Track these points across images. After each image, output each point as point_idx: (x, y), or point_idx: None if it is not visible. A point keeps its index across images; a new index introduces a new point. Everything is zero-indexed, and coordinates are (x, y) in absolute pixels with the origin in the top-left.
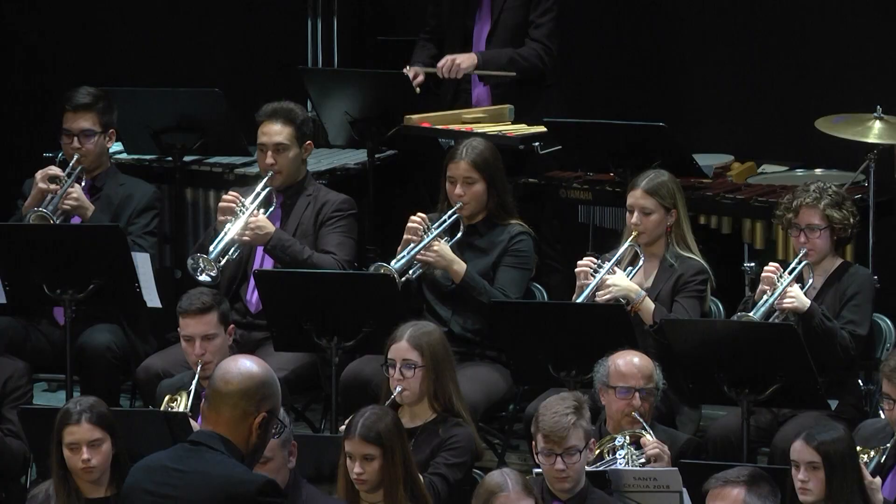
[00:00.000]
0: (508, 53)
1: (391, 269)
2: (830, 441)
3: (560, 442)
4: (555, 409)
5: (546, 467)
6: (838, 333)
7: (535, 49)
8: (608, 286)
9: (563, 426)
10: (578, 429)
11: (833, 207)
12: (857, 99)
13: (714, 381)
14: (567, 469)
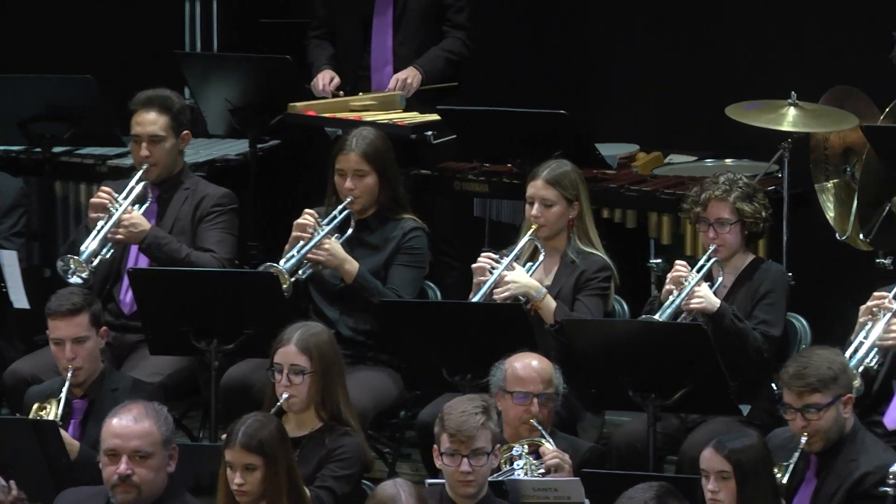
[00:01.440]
0: (441, 56)
1: (282, 270)
2: (742, 449)
3: (467, 442)
4: (462, 409)
5: (450, 470)
6: (750, 334)
7: (459, 38)
8: (507, 283)
9: (472, 426)
10: (487, 430)
11: (744, 200)
12: (770, 85)
13: (618, 386)
14: (473, 472)
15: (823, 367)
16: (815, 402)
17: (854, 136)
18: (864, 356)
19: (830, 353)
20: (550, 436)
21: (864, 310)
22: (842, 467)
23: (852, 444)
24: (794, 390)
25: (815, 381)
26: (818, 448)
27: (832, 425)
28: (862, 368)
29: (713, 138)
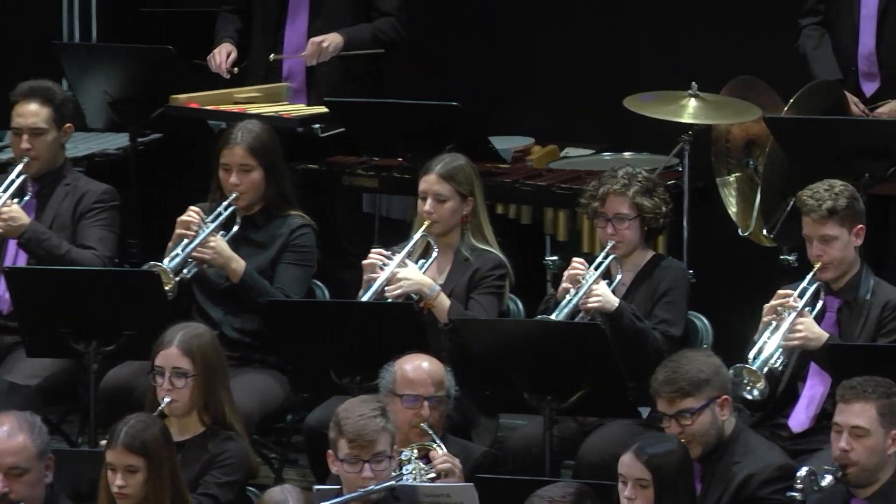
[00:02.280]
0: (369, 30)
1: (166, 269)
2: (663, 455)
3: (368, 447)
4: (360, 412)
5: (351, 476)
6: (650, 334)
7: (391, 23)
8: (399, 280)
9: (372, 429)
10: (386, 433)
11: (643, 195)
12: (670, 75)
13: (513, 387)
14: (375, 478)
15: (694, 370)
16: (688, 406)
17: (757, 129)
18: (768, 357)
19: (701, 355)
20: (441, 440)
21: (767, 309)
22: (725, 471)
23: (734, 447)
24: (665, 397)
25: (686, 386)
26: (697, 454)
27: (709, 429)
28: (767, 370)
29: (611, 131)
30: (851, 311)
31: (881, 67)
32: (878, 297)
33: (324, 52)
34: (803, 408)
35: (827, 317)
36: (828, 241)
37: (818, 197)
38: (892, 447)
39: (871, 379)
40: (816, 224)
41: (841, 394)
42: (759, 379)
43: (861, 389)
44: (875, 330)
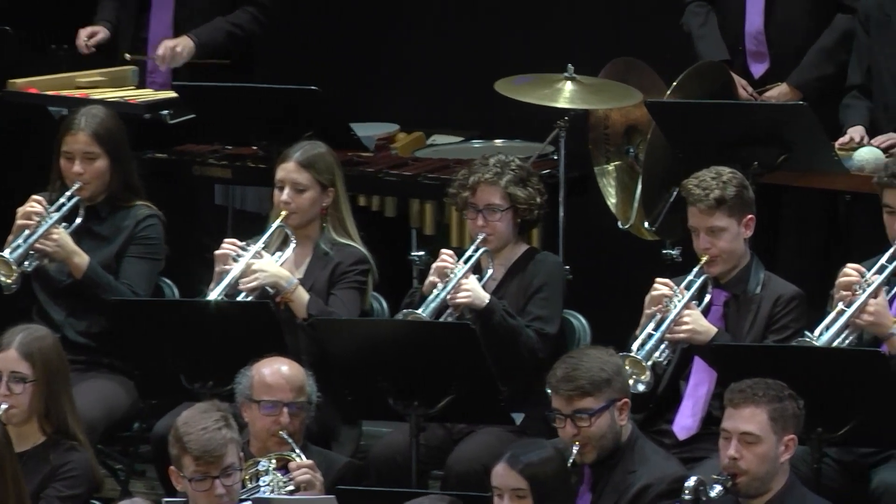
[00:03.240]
0: (223, 28)
1: (9, 259)
2: (538, 462)
3: (216, 462)
4: (202, 425)
5: (201, 494)
6: (523, 332)
7: (249, 13)
8: (254, 272)
9: (219, 443)
10: (233, 444)
11: (516, 184)
12: (544, 57)
13: (377, 393)
14: (228, 493)
15: (595, 368)
16: (587, 407)
17: (638, 114)
18: (652, 350)
19: (603, 353)
20: (302, 449)
21: (650, 299)
22: (619, 480)
23: (630, 454)
24: (563, 394)
25: (586, 385)
26: (591, 459)
27: (606, 433)
28: (651, 363)
29: (481, 116)
30: (740, 306)
31: (770, 47)
32: (768, 291)
33: (176, 57)
34: (688, 411)
35: (713, 310)
36: (715, 233)
37: (705, 186)
38: (785, 454)
39: (761, 381)
40: (703, 215)
41: (729, 397)
42: (645, 370)
43: (751, 393)
44: (765, 326)
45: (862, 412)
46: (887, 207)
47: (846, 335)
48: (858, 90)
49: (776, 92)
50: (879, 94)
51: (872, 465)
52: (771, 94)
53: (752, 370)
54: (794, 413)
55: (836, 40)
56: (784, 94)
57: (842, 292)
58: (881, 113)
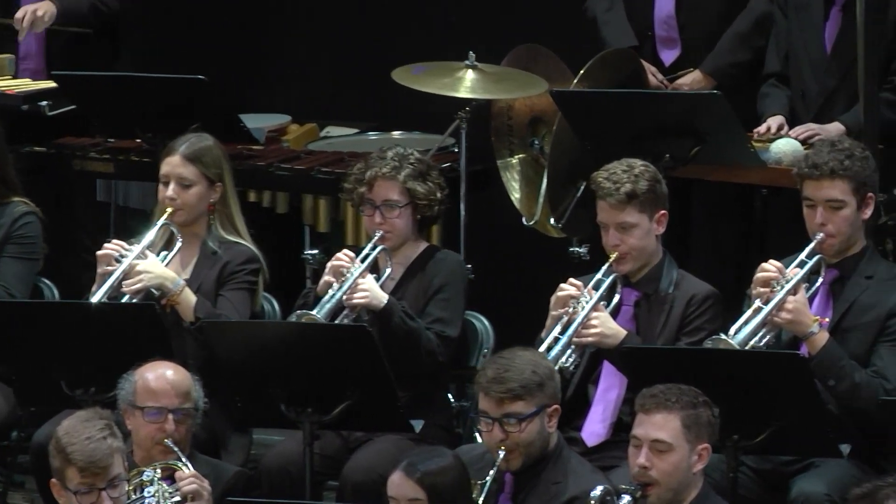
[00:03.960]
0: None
1: None
2: (437, 471)
3: (102, 473)
4: (86, 435)
5: None
6: (423, 335)
7: None
8: (138, 273)
9: (104, 453)
10: (118, 453)
11: (415, 179)
12: (444, 45)
13: (269, 399)
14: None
15: (528, 371)
16: (517, 411)
17: (543, 104)
18: (559, 354)
19: (536, 355)
20: (188, 458)
21: (556, 301)
22: (543, 490)
23: (555, 464)
24: (494, 396)
25: (518, 388)
26: (517, 466)
27: (535, 439)
28: (557, 368)
29: (377, 107)
30: (651, 306)
31: (681, 32)
32: (681, 290)
33: (37, 21)
34: (598, 416)
35: (623, 311)
36: (626, 229)
37: (616, 179)
38: (698, 464)
39: (674, 387)
40: (613, 209)
41: (640, 403)
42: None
43: (663, 399)
44: (678, 327)
45: (780, 418)
46: (807, 200)
47: (763, 334)
48: (777, 78)
49: (689, 79)
50: (797, 82)
51: (792, 473)
52: (683, 82)
53: (664, 374)
54: (709, 420)
55: (752, 24)
56: (697, 80)
57: (759, 289)
58: (799, 101)
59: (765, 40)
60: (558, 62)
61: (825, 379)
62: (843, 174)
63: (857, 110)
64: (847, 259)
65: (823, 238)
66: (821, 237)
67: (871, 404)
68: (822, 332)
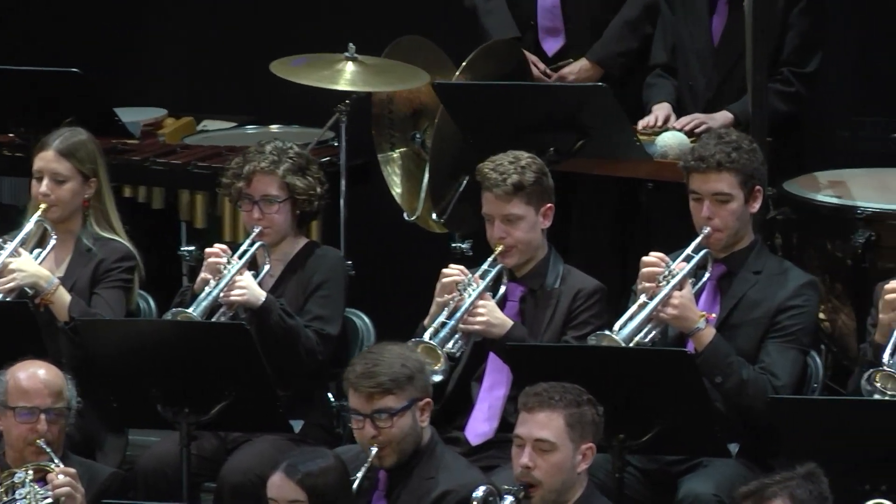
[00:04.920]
0: None
1: None
2: (318, 472)
3: None
4: None
5: None
6: (302, 333)
7: None
8: (11, 272)
9: None
10: None
11: (294, 174)
12: (324, 36)
13: (145, 398)
14: None
15: (397, 364)
16: (388, 406)
17: (425, 97)
18: (445, 339)
19: (405, 349)
20: (62, 459)
21: (442, 286)
22: (417, 485)
23: (429, 460)
24: (363, 392)
25: (388, 382)
26: (390, 463)
27: (407, 435)
28: (445, 351)
29: (256, 100)
30: (537, 301)
31: (566, 22)
32: (567, 285)
33: None
34: (482, 415)
35: (508, 306)
36: (512, 222)
37: (502, 170)
38: (582, 464)
39: (557, 385)
40: (499, 201)
41: (524, 401)
42: (439, 359)
43: (547, 397)
44: (564, 322)
45: (667, 417)
46: (693, 194)
47: (649, 330)
48: (662, 69)
49: (576, 67)
50: (685, 76)
51: (679, 473)
52: (570, 70)
53: (549, 372)
54: (593, 419)
55: (641, 12)
56: (585, 69)
57: (644, 283)
58: (687, 95)
59: (653, 28)
60: (440, 53)
61: (712, 376)
62: (730, 167)
63: (745, 100)
64: (735, 254)
65: (710, 232)
66: (707, 231)
67: (759, 402)
68: (708, 328)
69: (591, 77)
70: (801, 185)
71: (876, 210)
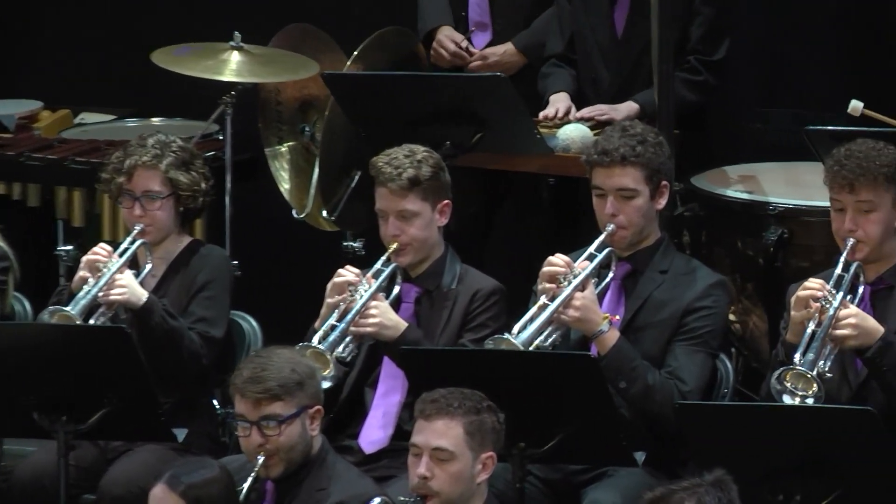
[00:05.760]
0: None
1: None
2: (202, 484)
3: None
4: None
5: None
6: (185, 335)
7: None
8: None
9: None
10: None
11: (178, 168)
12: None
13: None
14: None
15: (286, 369)
16: (276, 412)
17: (314, 88)
18: (336, 342)
19: (294, 353)
20: None
21: (333, 287)
22: (307, 497)
23: (320, 470)
24: (250, 398)
25: (276, 387)
26: (278, 473)
27: (296, 443)
28: (334, 356)
29: (136, 92)
30: (433, 302)
31: (494, 16)
32: (465, 285)
33: None
34: (377, 422)
35: (403, 307)
36: (407, 218)
37: (397, 164)
38: (482, 473)
39: (456, 391)
40: (394, 196)
41: (420, 408)
42: (328, 364)
43: (445, 404)
44: (461, 324)
45: (570, 424)
46: (597, 189)
47: (549, 333)
48: (559, 59)
49: (500, 50)
50: (587, 69)
51: (583, 483)
52: (493, 52)
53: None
54: (493, 426)
55: None
56: (510, 53)
57: (545, 284)
58: (590, 89)
59: None
60: (331, 43)
61: (616, 381)
62: (635, 161)
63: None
64: (640, 252)
65: (614, 230)
66: (611, 229)
67: (666, 408)
68: (612, 331)
69: (514, 63)
70: (710, 180)
71: (788, 206)
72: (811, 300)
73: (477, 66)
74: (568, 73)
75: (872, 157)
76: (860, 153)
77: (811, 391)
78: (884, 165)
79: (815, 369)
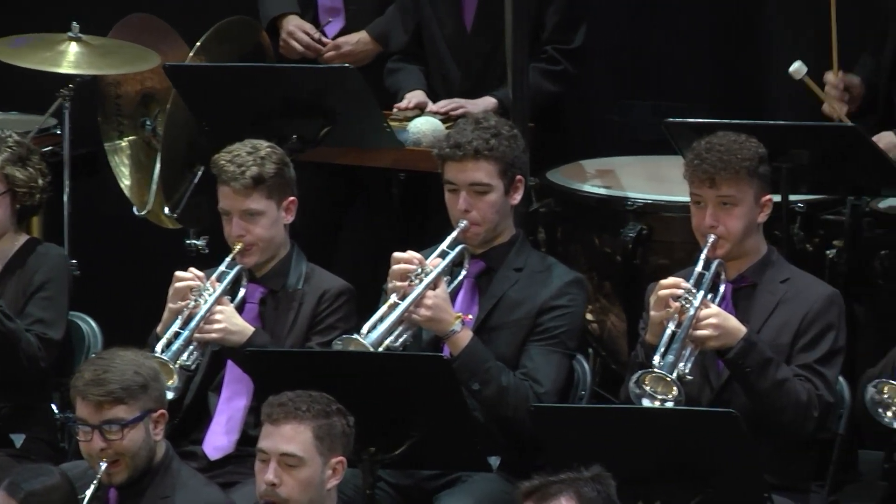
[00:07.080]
0: None
1: None
2: (42, 491)
3: None
4: None
5: None
6: (22, 338)
7: None
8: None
9: None
10: None
11: (14, 164)
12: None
13: None
14: None
15: (129, 371)
16: (119, 416)
17: (156, 80)
18: (179, 351)
19: (138, 355)
20: None
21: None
22: None
23: (164, 477)
24: (92, 400)
25: (119, 390)
26: (122, 479)
27: (140, 448)
28: (178, 365)
29: None
30: (279, 303)
31: (347, 2)
32: (312, 285)
33: None
34: (221, 428)
35: (248, 308)
36: (252, 217)
37: (240, 162)
38: (332, 479)
39: (304, 394)
40: (238, 195)
41: (267, 412)
42: (172, 374)
43: (293, 407)
44: (309, 325)
45: (422, 428)
46: (449, 184)
47: (400, 333)
48: (403, 55)
49: (354, 38)
50: (437, 65)
51: (436, 489)
52: (347, 40)
53: (294, 379)
54: (343, 430)
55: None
56: (364, 41)
57: (395, 283)
58: (441, 86)
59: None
60: (172, 34)
61: (469, 382)
62: (489, 155)
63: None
64: (494, 249)
65: (467, 226)
66: (464, 225)
67: (521, 411)
68: (465, 331)
69: (368, 52)
70: (566, 175)
71: (648, 201)
72: (671, 299)
73: (331, 56)
74: (418, 70)
75: (734, 150)
76: (721, 146)
77: (671, 395)
78: (746, 159)
79: (674, 372)
